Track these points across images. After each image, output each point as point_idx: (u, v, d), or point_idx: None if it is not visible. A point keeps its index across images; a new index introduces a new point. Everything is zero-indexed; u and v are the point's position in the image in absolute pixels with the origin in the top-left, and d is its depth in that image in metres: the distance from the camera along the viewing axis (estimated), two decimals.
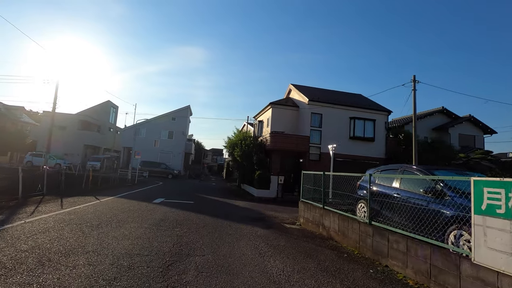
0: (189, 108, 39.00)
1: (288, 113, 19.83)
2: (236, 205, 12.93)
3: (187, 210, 9.74)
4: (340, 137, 18.45)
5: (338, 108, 18.77)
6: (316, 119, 18.38)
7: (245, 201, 14.72)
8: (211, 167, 66.64)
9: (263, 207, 12.81)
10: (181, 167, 36.11)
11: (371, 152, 18.87)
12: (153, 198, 12.25)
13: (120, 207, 9.13)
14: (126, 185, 19.28)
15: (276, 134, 17.89)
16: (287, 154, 18.46)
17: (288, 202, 15.35)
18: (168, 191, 17.03)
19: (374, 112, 19.36)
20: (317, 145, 18.14)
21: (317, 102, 18.33)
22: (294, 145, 17.61)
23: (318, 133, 18.29)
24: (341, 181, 7.61)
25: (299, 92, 20.20)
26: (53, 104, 27.69)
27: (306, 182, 9.21)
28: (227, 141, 21.57)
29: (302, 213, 8.78)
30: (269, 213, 10.81)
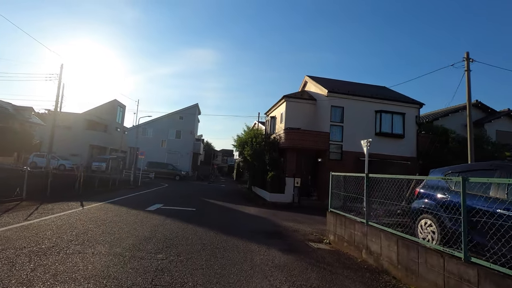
0: (197, 106, 37.40)
1: (304, 107, 17.71)
2: (246, 212, 10.94)
3: (185, 221, 7.82)
4: (364, 133, 16.16)
5: (362, 100, 16.51)
6: (337, 113, 16.18)
7: (256, 207, 12.71)
8: (221, 168, 65.17)
9: (278, 215, 10.76)
10: (189, 168, 34.49)
11: (400, 150, 16.50)
12: (149, 204, 10.43)
13: (102, 218, 7.31)
14: (126, 188, 17.70)
15: (291, 130, 15.83)
16: (303, 153, 16.35)
17: (307, 209, 13.23)
18: (171, 194, 15.25)
19: (403, 105, 16.97)
20: (338, 143, 15.94)
21: (337, 93, 16.15)
22: (311, 142, 15.49)
23: (339, 129, 16.08)
24: (383, 186, 5.54)
25: (316, 83, 18.06)
26: (55, 102, 26.65)
27: (336, 186, 7.12)
28: (236, 139, 19.64)
29: (332, 228, 6.69)
30: (287, 225, 8.75)
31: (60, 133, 32.80)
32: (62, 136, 32.60)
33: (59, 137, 32.33)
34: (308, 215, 11.24)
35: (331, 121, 15.95)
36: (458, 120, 20.39)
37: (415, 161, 16.59)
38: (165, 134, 34.91)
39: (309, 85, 19.48)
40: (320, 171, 16.16)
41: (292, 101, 17.58)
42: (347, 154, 15.86)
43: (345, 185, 7.12)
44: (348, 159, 15.83)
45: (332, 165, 15.57)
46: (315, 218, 10.66)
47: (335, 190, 7.11)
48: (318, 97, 17.56)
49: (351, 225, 5.78)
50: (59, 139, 32.07)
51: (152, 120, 35.39)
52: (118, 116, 39.40)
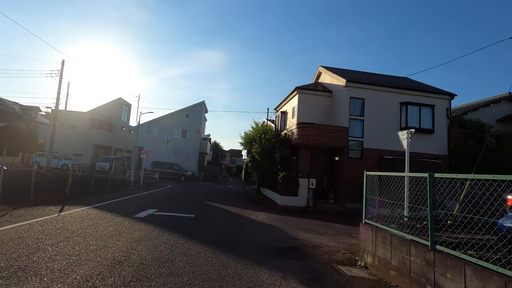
0: (204, 104, 36.02)
1: (319, 100, 15.93)
2: (254, 219, 9.28)
3: (178, 232, 6.23)
4: (388, 128, 14.28)
5: (385, 91, 14.60)
6: (357, 105, 14.34)
7: (265, 212, 11.05)
8: (229, 169, 63.83)
9: (291, 222, 9.06)
10: (195, 168, 33.12)
11: (430, 147, 14.51)
12: (142, 209, 8.92)
13: (71, 229, 5.80)
14: (126, 189, 16.38)
15: (304, 125, 14.08)
16: (318, 151, 14.58)
17: (324, 214, 11.47)
18: (172, 197, 13.76)
19: (432, 96, 14.96)
20: (358, 139, 14.10)
21: (357, 83, 14.30)
22: (328, 139, 13.71)
23: (359, 124, 14.23)
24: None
25: (332, 73, 16.24)
26: (56, 100, 25.70)
27: (372, 189, 5.40)
28: (244, 136, 18.02)
29: (370, 246, 4.96)
30: (304, 237, 7.03)
31: (64, 132, 32.00)
32: (65, 135, 31.78)
33: (63, 137, 31.53)
34: (327, 223, 9.49)
35: (350, 115, 14.11)
36: (490, 114, 18.14)
37: (447, 160, 14.58)
38: (170, 133, 33.68)
39: (324, 76, 17.68)
40: (337, 171, 14.37)
41: (306, 93, 15.83)
42: (369, 151, 14.00)
43: (380, 188, 5.42)
44: (369, 157, 13.97)
45: (351, 164, 13.76)
46: (336, 227, 8.91)
47: (372, 195, 5.37)
48: (334, 89, 15.75)
49: (403, 246, 4.04)
50: (62, 139, 31.26)
51: (157, 119, 34.22)
52: (123, 115, 38.46)
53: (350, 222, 9.89)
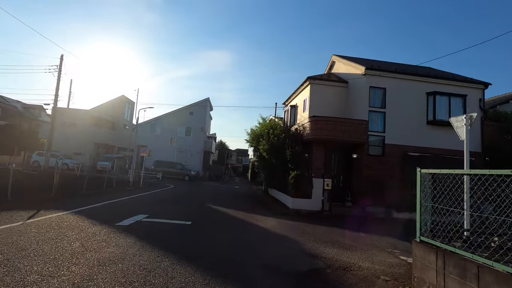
0: (209, 101, 34.69)
1: (333, 91, 14.35)
2: (262, 227, 7.78)
3: (164, 249, 4.79)
4: (413, 121, 12.64)
5: (409, 79, 12.92)
6: (377, 96, 12.70)
7: (275, 217, 9.55)
8: (235, 168, 62.57)
9: (307, 231, 7.53)
10: (199, 167, 31.82)
11: (460, 143, 12.73)
12: (129, 215, 7.54)
13: (25, 245, 4.41)
14: (123, 190, 15.13)
15: (318, 118, 12.52)
16: (333, 148, 13.02)
17: (342, 219, 9.89)
18: (170, 199, 12.40)
19: (463, 85, 13.21)
20: (379, 134, 12.46)
21: (378, 70, 12.65)
22: (344, 133, 12.13)
23: (380, 117, 12.60)
24: None
25: (348, 61, 14.63)
26: (54, 96, 24.70)
27: (428, 195, 3.87)
28: (250, 132, 16.54)
29: (433, 278, 3.41)
30: (327, 253, 5.49)
31: (65, 131, 31.07)
32: (66, 133, 30.85)
33: (64, 135, 30.59)
34: (349, 232, 7.93)
35: (369, 106, 12.48)
36: None
37: (481, 157, 12.81)
38: (174, 131, 32.46)
39: (338, 66, 16.05)
40: (355, 170, 12.77)
41: (318, 84, 14.25)
42: (391, 148, 12.36)
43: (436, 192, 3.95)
44: (392, 155, 12.33)
45: (371, 162, 12.15)
46: (362, 237, 7.34)
47: (430, 202, 3.83)
48: (350, 78, 14.13)
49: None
50: (63, 137, 30.33)
51: (160, 116, 33.09)
52: (126, 113, 37.44)
53: (376, 230, 8.32)
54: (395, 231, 8.68)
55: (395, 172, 12.18)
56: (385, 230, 8.60)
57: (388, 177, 12.09)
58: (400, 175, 12.14)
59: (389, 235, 7.75)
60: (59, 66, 24.34)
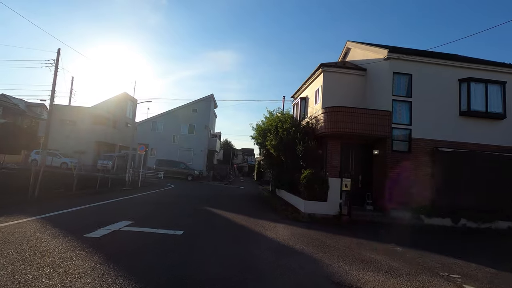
0: (213, 97, 33.30)
1: (349, 80, 12.76)
2: (271, 238, 6.26)
3: (132, 276, 3.33)
4: (443, 112, 10.98)
5: (439, 64, 11.23)
6: (402, 83, 11.06)
7: (286, 224, 8.03)
8: (241, 168, 61.23)
9: (328, 243, 6.00)
10: (203, 166, 30.48)
11: (500, 138, 11.06)
12: (109, 222, 6.14)
13: None
14: (118, 190, 13.89)
15: (334, 109, 10.94)
16: (351, 143, 11.44)
17: (365, 226, 8.33)
18: (167, 201, 11.01)
19: (503, 70, 11.47)
20: (404, 127, 10.83)
21: (402, 54, 11.00)
22: (364, 126, 10.54)
23: (406, 107, 10.95)
24: None
25: (366, 46, 13.02)
26: (51, 92, 23.65)
27: None
28: (256, 127, 15.04)
29: None
30: (366, 282, 3.92)
31: (65, 129, 30.14)
32: (66, 131, 29.89)
33: (63, 133, 29.66)
34: (380, 244, 6.36)
35: (393, 95, 10.86)
36: None
37: None
38: (176, 128, 31.20)
39: (354, 53, 14.42)
40: (376, 168, 11.17)
41: (332, 71, 12.67)
42: (419, 142, 10.71)
43: None
44: (419, 150, 10.69)
45: (396, 159, 10.52)
46: (400, 253, 5.76)
47: None
48: (369, 65, 12.51)
49: None
50: (63, 135, 29.41)
51: (163, 114, 31.89)
52: (128, 111, 36.34)
53: (412, 241, 6.76)
54: (435, 243, 7.09)
55: (424, 171, 10.55)
56: (423, 242, 7.02)
57: (415, 177, 10.47)
58: (429, 174, 10.50)
59: (430, 249, 6.17)
60: (56, 61, 23.25)
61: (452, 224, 9.76)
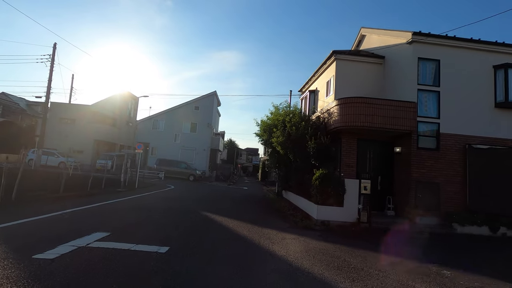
0: (216, 95, 32.10)
1: (365, 69, 11.40)
2: (280, 256, 4.95)
3: None
4: (476, 103, 9.55)
5: (471, 48, 9.78)
6: (428, 70, 9.65)
7: (296, 234, 6.72)
8: (245, 168, 60.01)
9: (355, 264, 4.68)
10: (206, 166, 29.31)
11: None
12: (76, 235, 4.92)
13: None
14: (111, 192, 12.81)
15: (350, 100, 9.57)
16: (369, 139, 10.09)
17: (390, 237, 6.95)
18: (160, 205, 9.77)
19: None
20: (432, 120, 9.42)
21: (429, 37, 9.59)
22: (385, 120, 9.16)
23: (433, 97, 9.54)
24: None
25: (384, 31, 11.63)
26: (46, 88, 22.71)
27: None
28: (260, 123, 13.74)
29: None
30: None
31: (64, 127, 29.26)
32: (65, 130, 29.00)
33: (62, 132, 28.80)
34: (423, 265, 5.01)
35: (418, 84, 9.46)
36: None
37: None
38: (178, 127, 30.07)
39: (369, 40, 13.02)
40: (398, 168, 9.79)
41: (346, 60, 11.31)
42: (448, 138, 9.30)
43: None
44: (449, 148, 9.27)
45: (422, 157, 9.13)
46: (451, 278, 4.40)
47: None
48: (388, 52, 11.12)
49: None
50: (62, 134, 28.54)
51: (164, 111, 30.80)
52: (129, 109, 35.34)
53: (455, 259, 5.40)
54: (483, 261, 5.69)
55: (454, 171, 9.14)
56: (468, 260, 5.63)
57: (444, 178, 9.07)
58: (461, 175, 9.10)
59: (483, 271, 4.81)
60: (52, 55, 22.26)
61: (490, 233, 8.35)
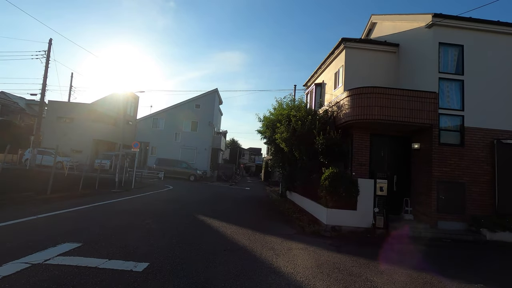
0: (217, 93, 31.19)
1: (377, 58, 10.39)
2: (285, 274, 3.99)
3: None
4: (505, 94, 8.49)
5: (498, 32, 8.72)
6: (450, 57, 8.62)
7: (304, 243, 5.76)
8: (248, 168, 59.12)
9: (378, 281, 3.73)
10: (207, 166, 28.43)
11: None
12: (39, 246, 4.01)
13: None
14: (105, 193, 12.02)
15: (363, 90, 8.57)
16: (383, 134, 9.09)
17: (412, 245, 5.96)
18: (151, 208, 8.87)
19: None
20: (454, 113, 8.39)
21: (451, 19, 8.55)
22: (402, 112, 8.16)
23: (456, 87, 8.51)
24: None
25: (399, 16, 10.59)
26: (42, 85, 22.00)
27: None
28: (263, 119, 12.78)
29: None
30: None
31: (62, 126, 28.60)
32: (63, 129, 28.32)
33: (61, 130, 28.15)
34: (466, 286, 4.03)
35: (439, 72, 8.43)
36: None
37: None
38: (179, 125, 29.23)
39: (381, 27, 12.00)
40: (417, 167, 8.77)
41: (357, 48, 10.30)
42: (474, 133, 8.27)
43: None
44: (475, 143, 8.24)
45: (444, 154, 8.11)
46: None
47: None
48: (404, 38, 10.10)
49: None
50: (60, 133, 27.89)
51: (164, 110, 29.98)
52: (130, 108, 34.57)
53: (502, 277, 4.40)
54: None
55: (481, 170, 8.11)
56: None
57: (470, 177, 8.05)
58: (489, 174, 8.07)
59: None
60: (47, 51, 21.53)
61: None
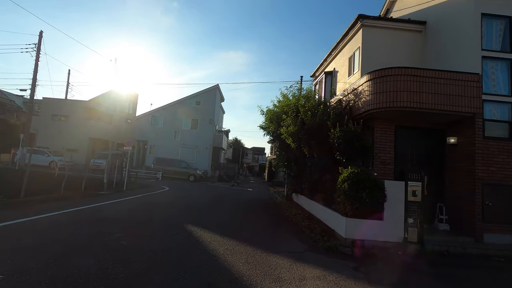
0: (219, 89, 29.76)
1: (399, 38, 8.84)
2: None
3: None
4: None
5: None
6: (495, 31, 7.06)
7: (320, 269, 4.28)
8: (251, 168, 57.73)
9: None
10: (208, 166, 27.04)
11: None
12: None
13: None
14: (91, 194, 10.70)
15: (387, 72, 7.03)
16: (410, 126, 7.55)
17: (458, 266, 4.43)
18: (136, 215, 7.45)
19: None
20: (502, 99, 6.83)
21: None
22: (435, 98, 6.63)
23: (504, 68, 6.95)
24: None
25: None
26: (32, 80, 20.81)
27: None
28: (266, 112, 11.28)
29: None
30: None
31: (56, 124, 27.46)
32: (58, 127, 27.17)
33: (55, 129, 27.02)
34: None
35: (482, 50, 6.87)
36: None
37: None
38: (178, 123, 27.88)
39: (402, 3, 10.39)
40: (453, 166, 7.22)
41: (376, 26, 8.77)
42: None
43: None
44: None
45: (488, 149, 6.55)
46: None
47: None
48: (433, 12, 8.54)
49: None
50: (53, 131, 26.76)
51: (163, 107, 28.67)
52: (128, 106, 33.35)
53: None
54: None
55: None
56: None
57: None
58: None
59: None
60: (38, 44, 20.32)
61: None
